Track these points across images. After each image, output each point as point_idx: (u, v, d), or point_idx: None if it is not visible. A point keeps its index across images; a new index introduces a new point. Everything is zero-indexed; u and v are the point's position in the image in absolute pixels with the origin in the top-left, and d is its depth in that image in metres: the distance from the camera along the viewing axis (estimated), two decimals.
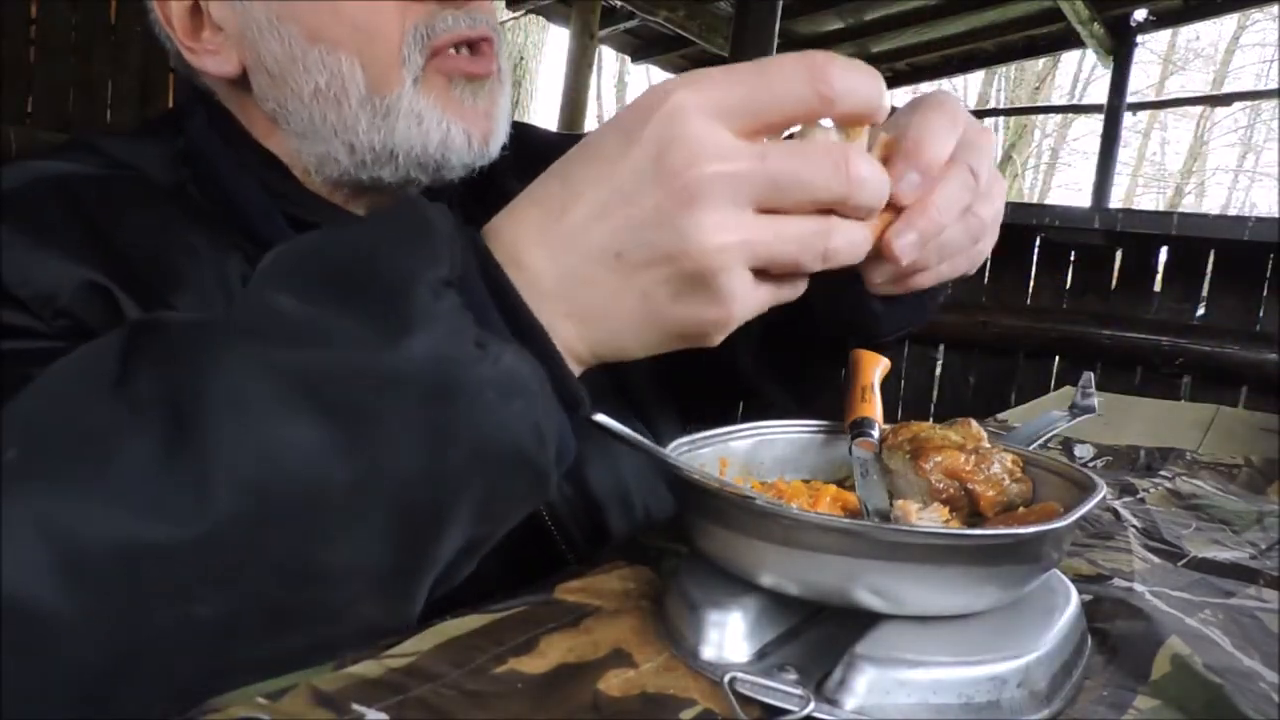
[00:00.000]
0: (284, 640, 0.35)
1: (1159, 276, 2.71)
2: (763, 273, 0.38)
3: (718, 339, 0.39)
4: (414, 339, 0.33)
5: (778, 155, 0.36)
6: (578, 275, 0.37)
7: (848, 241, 0.38)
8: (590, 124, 5.84)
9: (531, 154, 0.65)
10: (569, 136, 0.86)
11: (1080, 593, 0.46)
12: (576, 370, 0.40)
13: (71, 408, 0.33)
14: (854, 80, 0.37)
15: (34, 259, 0.50)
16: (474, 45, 0.60)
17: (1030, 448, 0.55)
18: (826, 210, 0.37)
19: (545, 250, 0.38)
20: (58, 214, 0.53)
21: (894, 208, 0.43)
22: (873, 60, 6.03)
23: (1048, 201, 11.41)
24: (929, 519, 0.46)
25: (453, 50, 0.59)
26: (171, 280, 0.54)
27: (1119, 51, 5.49)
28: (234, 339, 0.34)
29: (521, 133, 0.70)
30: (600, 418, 0.42)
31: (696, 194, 0.35)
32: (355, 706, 0.34)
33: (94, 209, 0.54)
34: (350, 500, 0.33)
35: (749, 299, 0.38)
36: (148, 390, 0.33)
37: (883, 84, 0.39)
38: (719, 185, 0.35)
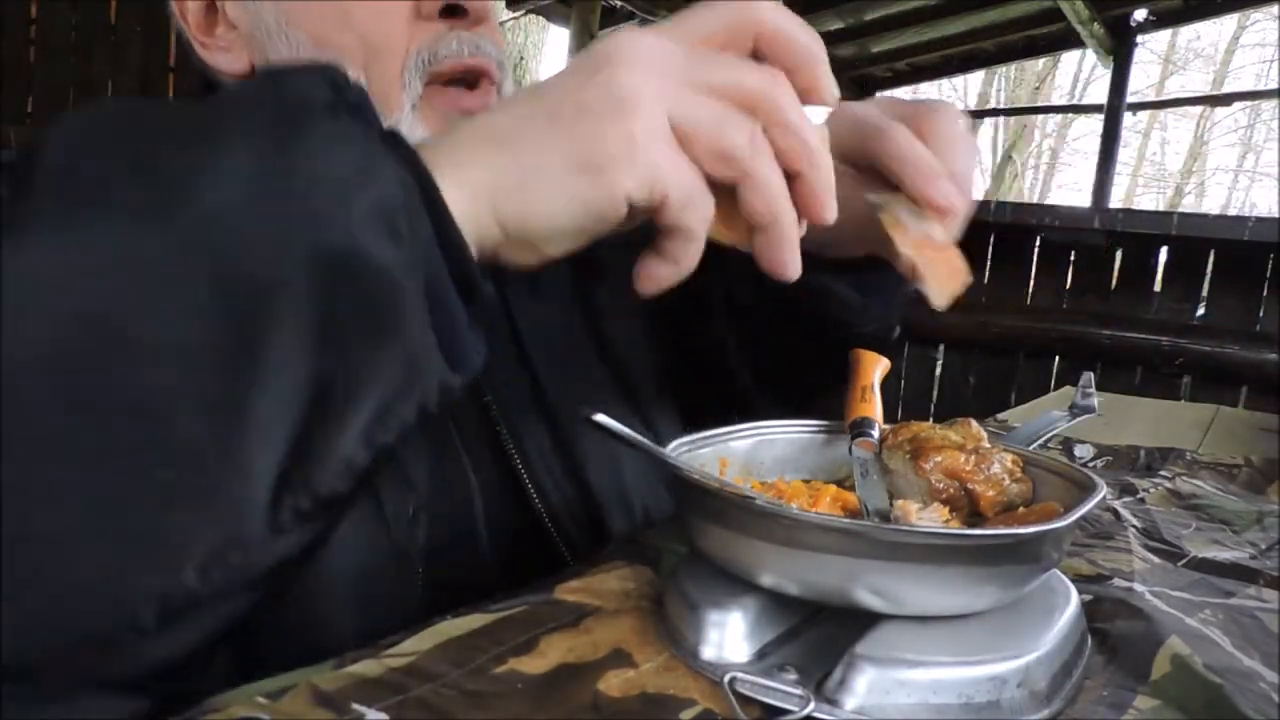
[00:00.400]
0: (76, 434, 0.30)
1: (1159, 276, 2.71)
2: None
3: (628, 180, 0.36)
4: (260, 98, 0.35)
5: (704, 49, 0.39)
6: (495, 111, 0.39)
7: (766, 158, 0.38)
8: None
9: None
10: None
11: (1080, 593, 0.46)
12: (475, 240, 0.38)
13: None
14: (787, 21, 0.40)
15: None
16: (473, 81, 0.60)
17: (1030, 448, 0.55)
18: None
19: (464, 123, 0.39)
20: None
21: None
22: (873, 60, 6.04)
23: (1048, 201, 11.40)
24: (929, 519, 0.46)
25: (449, 86, 0.59)
26: None
27: (1119, 51, 5.49)
28: (102, 130, 0.35)
29: None
30: (600, 417, 0.42)
31: (624, 46, 0.37)
32: (355, 706, 0.34)
33: None
34: (166, 263, 0.31)
35: (663, 136, 0.37)
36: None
37: (819, 44, 0.41)
38: (647, 45, 0.37)
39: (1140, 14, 5.22)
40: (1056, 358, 2.80)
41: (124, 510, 0.30)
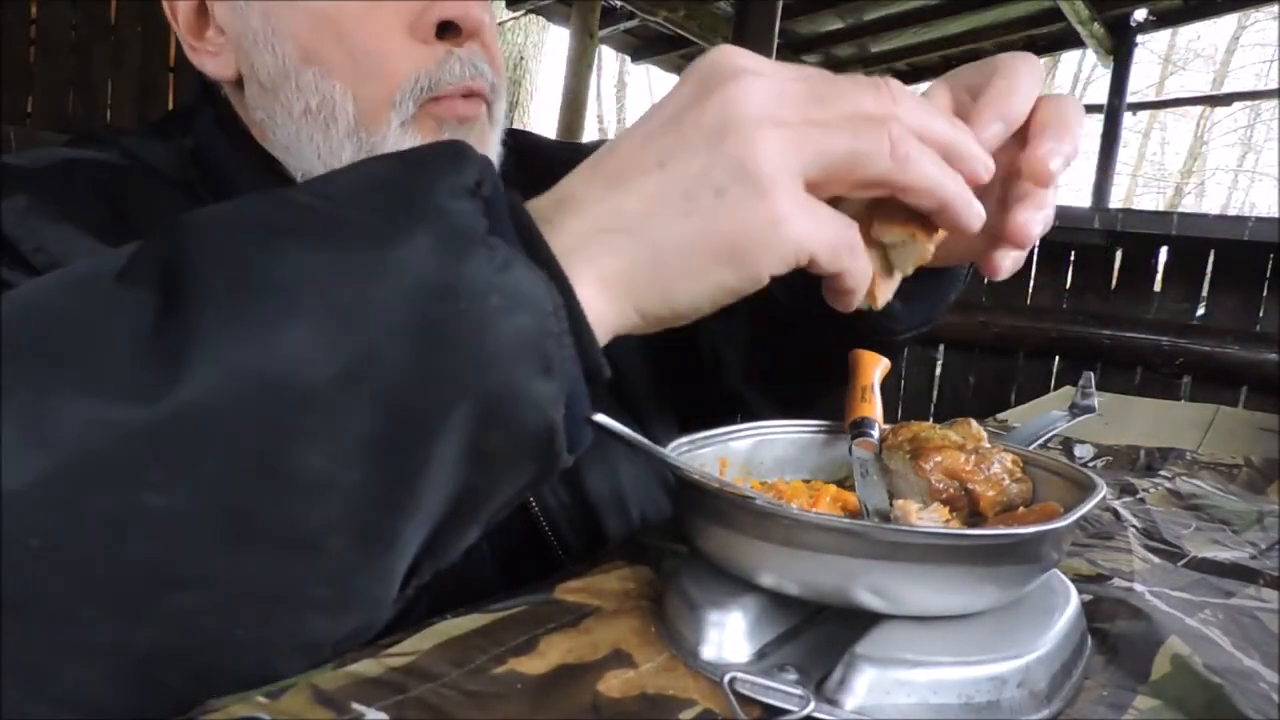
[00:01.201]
0: (240, 565, 0.31)
1: (1159, 276, 2.71)
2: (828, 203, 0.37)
3: (772, 259, 0.36)
4: (419, 232, 0.32)
5: (818, 80, 0.37)
6: (624, 189, 0.36)
7: (918, 148, 0.37)
8: (590, 124, 5.84)
9: (534, 164, 0.64)
10: (567, 145, 0.86)
11: (1080, 593, 0.46)
12: (613, 331, 0.38)
13: (69, 295, 0.32)
14: (932, 117, 0.38)
15: (52, 229, 0.50)
16: (469, 96, 0.58)
17: (1030, 448, 0.55)
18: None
19: (590, 179, 0.37)
20: (82, 194, 0.53)
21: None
22: (873, 60, 6.04)
23: None
24: (929, 519, 0.46)
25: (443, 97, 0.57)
26: None
27: (1119, 51, 5.49)
28: (240, 225, 0.33)
29: (521, 142, 0.68)
30: (600, 417, 0.42)
31: (738, 96, 0.35)
32: (355, 706, 0.34)
33: (117, 195, 0.54)
34: (333, 395, 0.31)
35: (800, 201, 0.36)
36: (145, 272, 0.32)
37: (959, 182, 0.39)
38: (759, 90, 0.35)
39: (1140, 14, 5.22)
40: (1056, 358, 2.80)
41: (279, 619, 0.34)
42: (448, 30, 0.56)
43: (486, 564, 0.58)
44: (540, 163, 0.67)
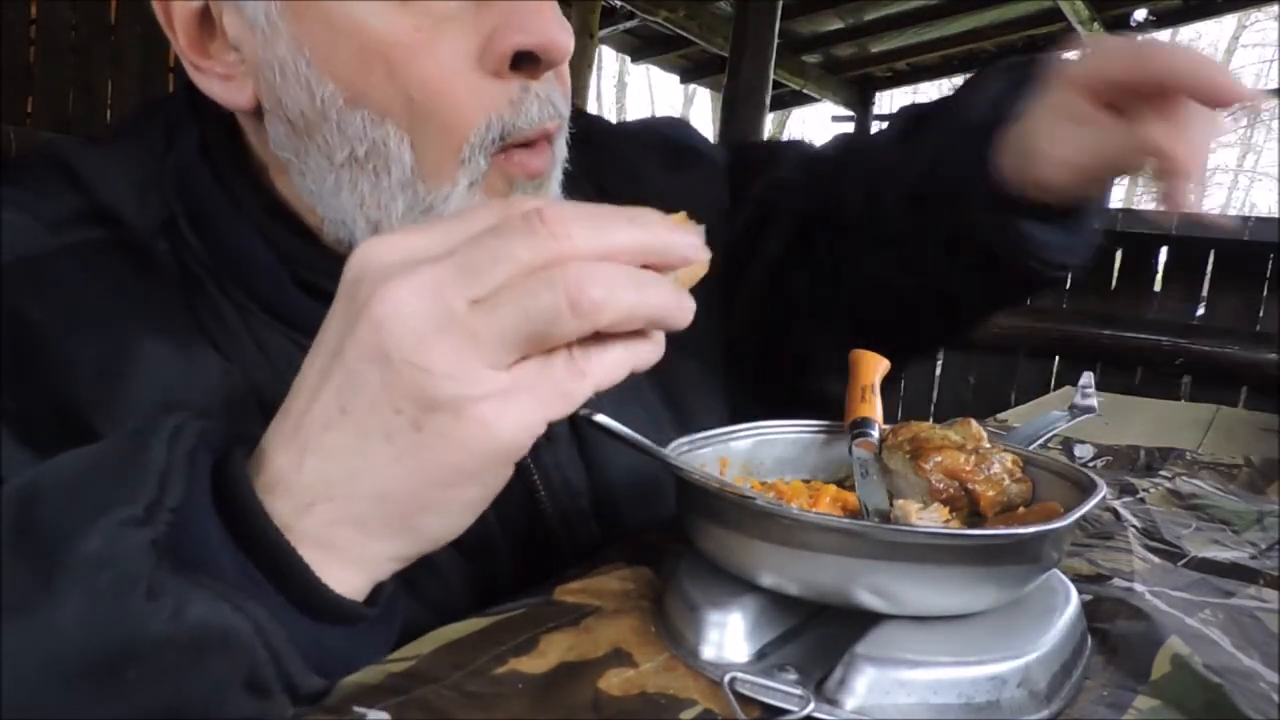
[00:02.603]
0: None
1: (1159, 276, 2.71)
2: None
3: (504, 459, 0.33)
4: (66, 602, 0.29)
5: (466, 245, 0.32)
6: (318, 450, 0.33)
7: (595, 283, 0.31)
8: None
9: (597, 148, 0.60)
10: (626, 128, 0.81)
11: (1080, 593, 0.46)
12: (374, 581, 0.36)
13: None
14: (604, 228, 0.33)
15: (18, 386, 0.44)
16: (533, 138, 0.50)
17: (1030, 448, 0.55)
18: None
19: (283, 444, 0.34)
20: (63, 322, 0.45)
21: None
22: (873, 60, 6.04)
23: None
24: (929, 519, 0.46)
25: (511, 148, 0.49)
26: (111, 394, 0.45)
27: None
28: None
29: (583, 126, 0.58)
30: (599, 417, 0.42)
31: (387, 315, 0.31)
32: (356, 709, 0.34)
33: (37, 319, 0.45)
34: None
35: (504, 401, 0.32)
36: None
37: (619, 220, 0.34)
38: (406, 294, 0.31)
39: (1140, 14, 5.23)
40: (1056, 358, 2.80)
41: None
42: (524, 61, 0.47)
43: (503, 559, 0.58)
44: (603, 146, 0.63)
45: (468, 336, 0.31)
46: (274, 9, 0.45)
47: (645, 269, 0.34)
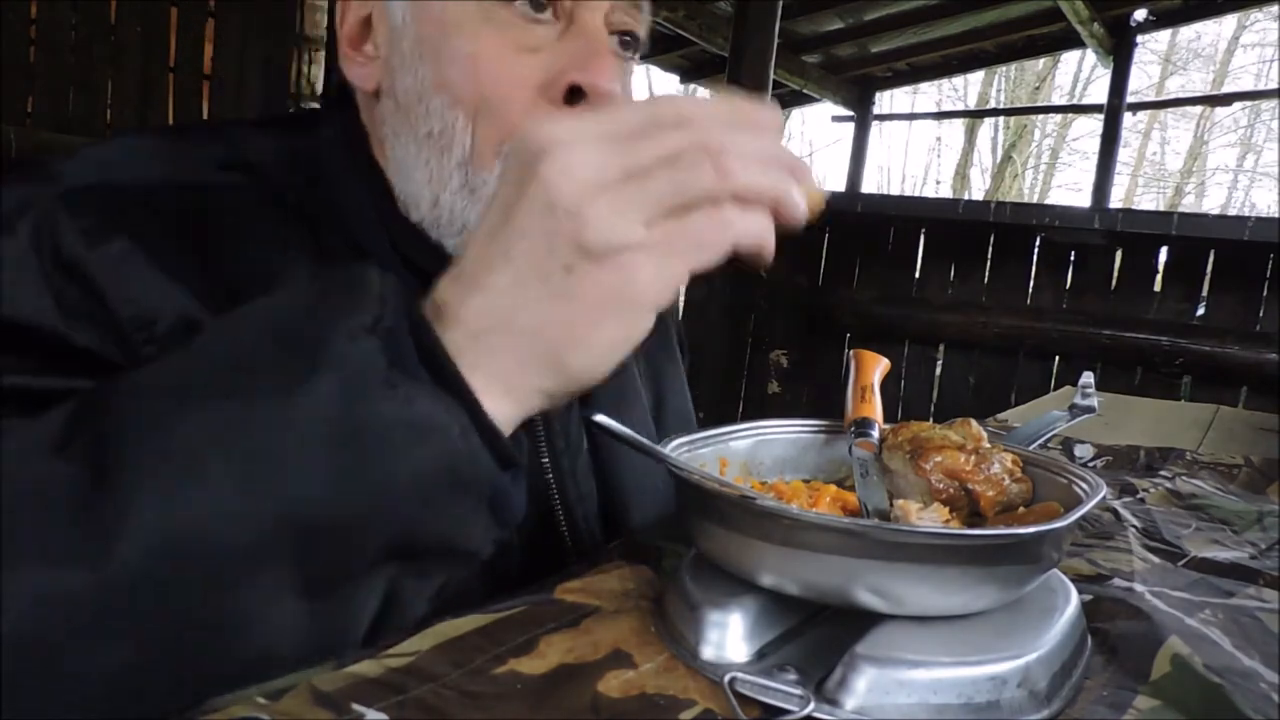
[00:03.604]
0: (201, 687, 0.35)
1: (1159, 276, 2.71)
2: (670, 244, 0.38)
3: (645, 306, 0.38)
4: (320, 379, 0.35)
5: (625, 132, 0.37)
6: (485, 289, 0.38)
7: (734, 156, 0.37)
8: None
9: None
10: None
11: (1080, 593, 0.46)
12: (520, 419, 0.40)
13: (12, 472, 0.34)
14: (747, 138, 0.38)
15: (145, 277, 0.50)
16: None
17: (1030, 448, 0.55)
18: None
19: (452, 285, 0.39)
20: (176, 227, 0.53)
21: None
22: (873, 60, 6.04)
23: (1048, 201, 11.40)
24: (929, 519, 0.46)
25: None
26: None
27: (1119, 51, 5.49)
28: (163, 394, 0.36)
29: None
30: (600, 418, 0.43)
31: (553, 175, 0.36)
32: (355, 706, 0.34)
33: (209, 226, 0.54)
34: (255, 546, 0.34)
35: (648, 253, 0.37)
36: (79, 445, 0.35)
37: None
38: (572, 158, 0.36)
39: (1140, 14, 5.23)
40: (1056, 358, 2.80)
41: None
42: (576, 97, 0.56)
43: (513, 551, 0.59)
44: None
45: (623, 196, 0.36)
46: (408, 12, 0.58)
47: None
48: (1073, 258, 2.79)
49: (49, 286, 0.48)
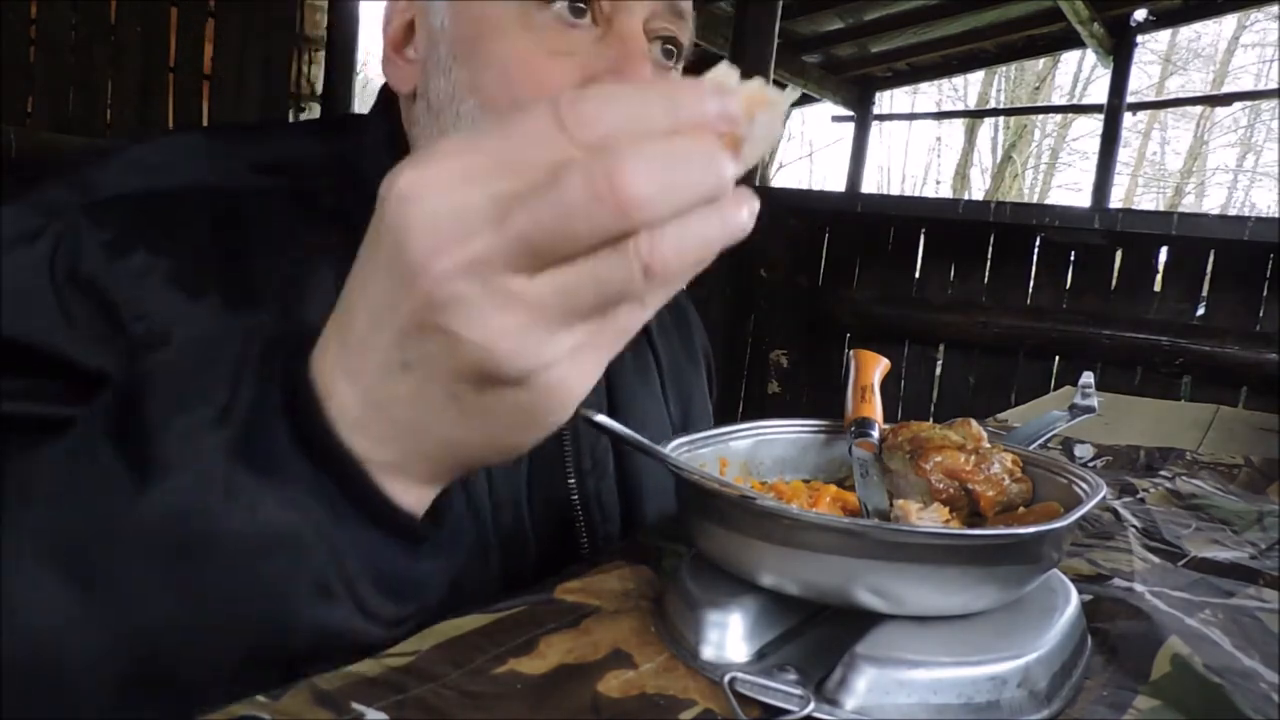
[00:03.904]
0: None
1: (1159, 276, 2.71)
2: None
3: (564, 413, 0.33)
4: (155, 489, 0.32)
5: (523, 212, 0.28)
6: (380, 396, 0.33)
7: (665, 240, 0.28)
8: None
9: None
10: None
11: (1080, 593, 0.46)
12: (433, 492, 0.37)
13: None
14: (614, 108, 0.29)
15: (162, 293, 0.49)
16: None
17: (1030, 448, 0.55)
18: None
19: (344, 376, 0.34)
20: (204, 234, 0.52)
21: None
22: (873, 60, 6.03)
23: (1048, 201, 11.39)
24: (929, 519, 0.46)
25: None
26: (296, 312, 0.53)
27: (1119, 51, 5.49)
28: (11, 497, 0.35)
29: None
30: (600, 418, 0.42)
31: (446, 295, 0.29)
32: (355, 705, 0.34)
33: (239, 232, 0.54)
34: (97, 663, 0.33)
35: (569, 364, 0.31)
36: None
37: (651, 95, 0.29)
38: (465, 274, 0.29)
39: (1140, 14, 5.22)
40: (1056, 358, 2.80)
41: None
42: None
43: (529, 546, 0.60)
44: None
45: (532, 312, 0.30)
46: (447, 16, 0.57)
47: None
48: (1073, 258, 2.79)
49: (59, 304, 0.47)
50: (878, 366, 0.62)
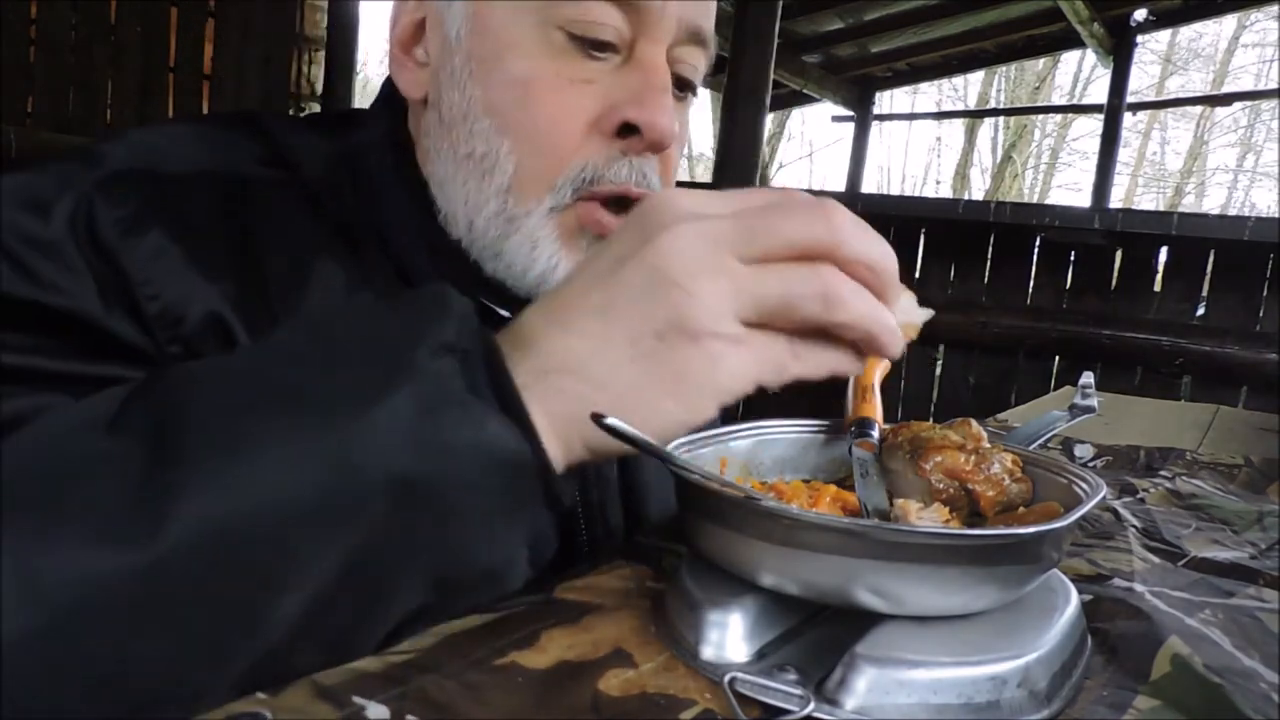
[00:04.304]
0: (225, 684, 0.34)
1: (1159, 276, 2.71)
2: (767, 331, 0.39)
3: (713, 396, 0.38)
4: (399, 393, 0.34)
5: (753, 210, 0.37)
6: (570, 331, 0.38)
7: (848, 289, 0.38)
8: None
9: None
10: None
11: (1080, 593, 0.46)
12: (561, 466, 0.39)
13: (64, 445, 0.34)
14: (867, 240, 0.39)
15: (177, 273, 0.50)
16: (623, 202, 0.56)
17: (1030, 448, 0.55)
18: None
19: (544, 315, 0.39)
20: (213, 219, 0.53)
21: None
22: (873, 60, 6.04)
23: (1048, 201, 11.40)
24: (929, 519, 0.46)
25: (594, 199, 0.56)
26: (296, 302, 0.53)
27: (1119, 51, 5.50)
28: (233, 382, 0.35)
29: None
30: (610, 420, 0.43)
31: (671, 248, 0.37)
32: (356, 699, 0.34)
33: (245, 221, 0.54)
34: (308, 548, 0.33)
35: (738, 347, 0.37)
36: (137, 423, 0.34)
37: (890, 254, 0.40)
38: (692, 233, 0.37)
39: (1140, 14, 5.23)
40: (1056, 358, 2.80)
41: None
42: (629, 132, 0.55)
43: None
44: None
45: (732, 285, 0.37)
46: (464, 27, 0.56)
47: None
48: (1073, 258, 2.79)
49: (90, 271, 0.47)
50: (878, 366, 0.62)
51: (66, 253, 0.47)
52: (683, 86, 0.59)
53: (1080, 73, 12.02)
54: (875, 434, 0.55)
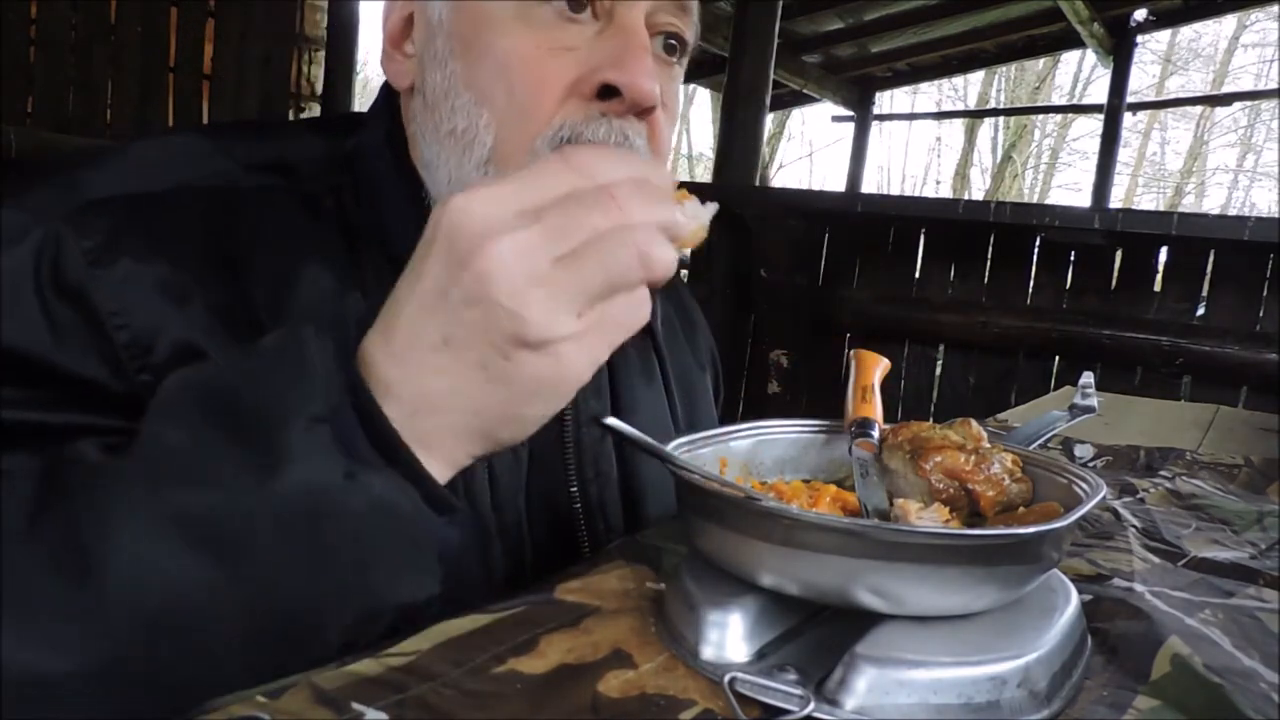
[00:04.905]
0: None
1: (1159, 276, 2.71)
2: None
3: (570, 387, 0.41)
4: (285, 472, 0.37)
5: (553, 210, 0.39)
6: (423, 370, 0.40)
7: (653, 241, 0.39)
8: None
9: None
10: None
11: (1080, 593, 0.46)
12: (451, 472, 0.42)
13: None
14: (608, 162, 0.40)
15: (146, 301, 0.49)
16: None
17: (1030, 448, 0.55)
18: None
19: (389, 360, 0.41)
20: (194, 236, 0.52)
21: None
22: (873, 60, 6.03)
23: (1048, 201, 11.39)
24: (929, 519, 0.46)
25: None
26: (283, 307, 0.54)
27: (1119, 51, 5.50)
28: (134, 481, 0.38)
29: None
30: (609, 420, 0.43)
31: (494, 267, 0.38)
32: (355, 705, 0.34)
33: (231, 232, 0.54)
34: (236, 627, 0.37)
35: (579, 341, 0.39)
36: (54, 533, 0.37)
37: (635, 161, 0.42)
38: (505, 253, 0.38)
39: (1140, 14, 5.23)
40: (1056, 358, 2.80)
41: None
42: (610, 95, 0.55)
43: (529, 549, 0.60)
44: None
45: (555, 289, 0.38)
46: (444, 8, 0.57)
47: None
48: (1073, 258, 2.79)
49: (44, 310, 0.47)
50: (878, 367, 0.62)
51: (26, 289, 0.47)
52: (670, 50, 0.60)
53: (1080, 73, 12.02)
54: (875, 434, 0.55)
